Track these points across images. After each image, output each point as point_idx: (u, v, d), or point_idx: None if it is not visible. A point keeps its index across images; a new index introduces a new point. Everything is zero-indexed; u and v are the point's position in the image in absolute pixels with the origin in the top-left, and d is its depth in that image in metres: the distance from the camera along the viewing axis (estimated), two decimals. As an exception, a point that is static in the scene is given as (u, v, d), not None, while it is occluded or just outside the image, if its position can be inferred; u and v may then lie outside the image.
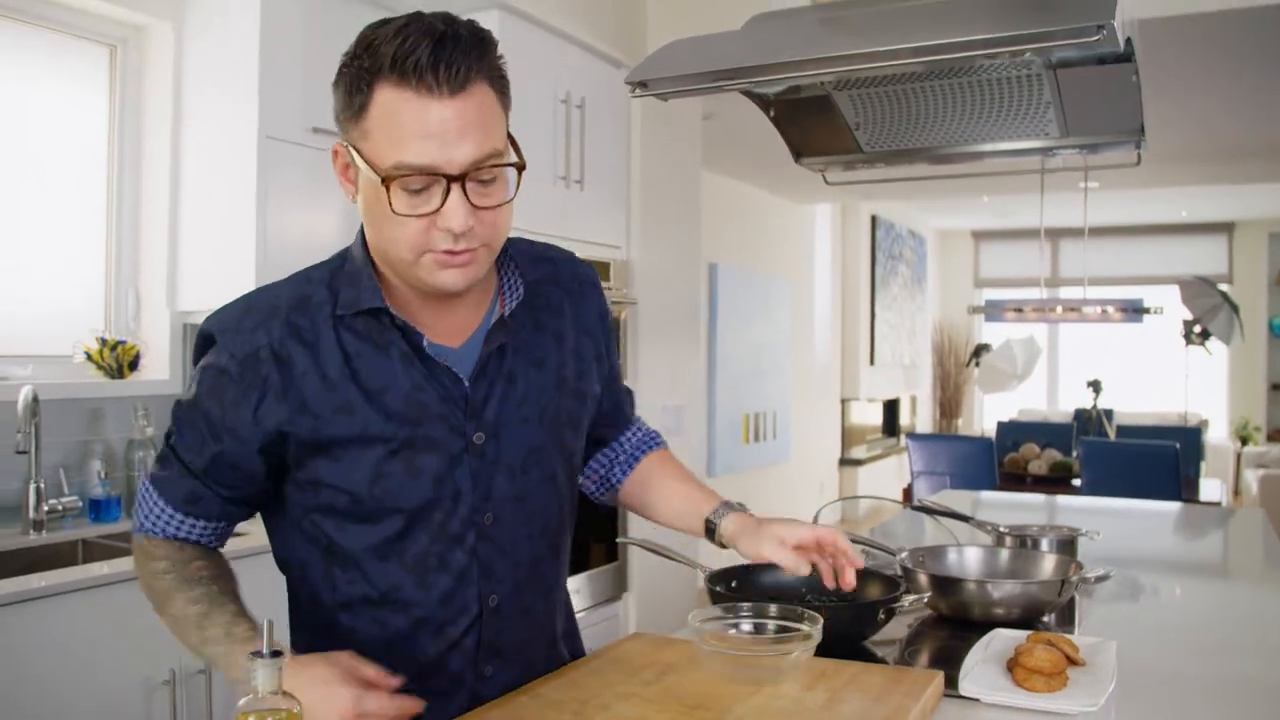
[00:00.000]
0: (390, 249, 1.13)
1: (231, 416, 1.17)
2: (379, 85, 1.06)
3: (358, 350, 1.18)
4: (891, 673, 1.40)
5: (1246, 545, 2.88)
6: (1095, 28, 1.31)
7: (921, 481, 5.87)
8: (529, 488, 1.27)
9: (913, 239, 10.49)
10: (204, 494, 1.23)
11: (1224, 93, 4.83)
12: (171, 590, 1.21)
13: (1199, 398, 10.00)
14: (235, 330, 1.18)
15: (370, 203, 1.12)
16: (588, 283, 1.39)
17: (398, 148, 1.06)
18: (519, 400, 1.25)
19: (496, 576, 1.26)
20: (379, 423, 1.17)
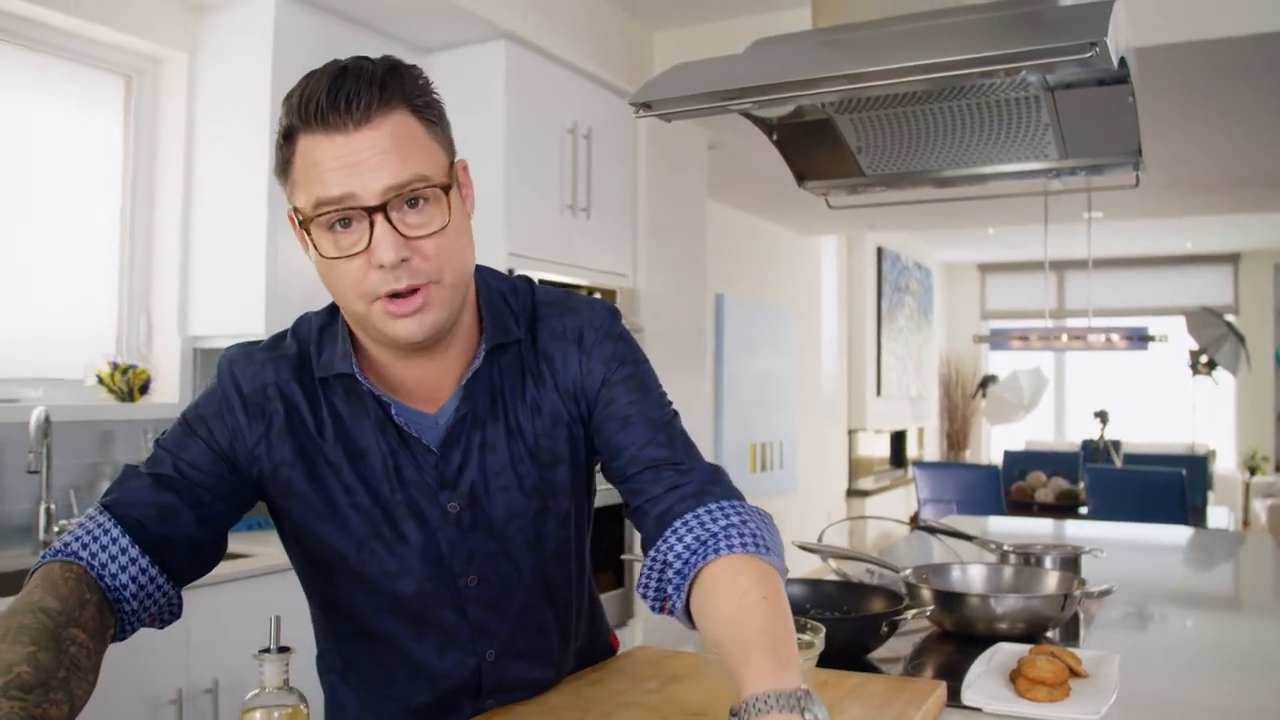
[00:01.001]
0: (344, 303, 1.10)
1: (229, 441, 1.15)
2: (296, 138, 1.05)
3: (342, 412, 1.18)
4: (894, 682, 1.41)
5: (1255, 570, 2.87)
6: (1088, 45, 1.33)
7: (928, 509, 5.86)
8: (515, 549, 1.24)
9: (919, 271, 10.53)
10: (146, 513, 1.13)
11: (1226, 121, 4.87)
12: (28, 595, 1.02)
13: (1206, 428, 9.98)
14: (246, 362, 1.19)
15: (316, 261, 1.09)
16: (563, 338, 1.23)
17: (315, 188, 1.03)
18: (497, 469, 1.20)
19: (490, 634, 1.25)
20: (360, 487, 1.17)
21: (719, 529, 1.11)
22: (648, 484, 1.17)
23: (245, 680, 2.40)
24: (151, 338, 3.02)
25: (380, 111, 1.03)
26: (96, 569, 1.06)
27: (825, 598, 1.80)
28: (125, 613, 1.08)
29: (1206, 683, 1.61)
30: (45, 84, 2.84)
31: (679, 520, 1.13)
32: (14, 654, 0.87)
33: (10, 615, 0.93)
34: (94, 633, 0.98)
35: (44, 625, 0.92)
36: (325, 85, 1.02)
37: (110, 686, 2.11)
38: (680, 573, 1.10)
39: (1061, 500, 5.87)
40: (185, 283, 2.99)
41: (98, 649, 0.98)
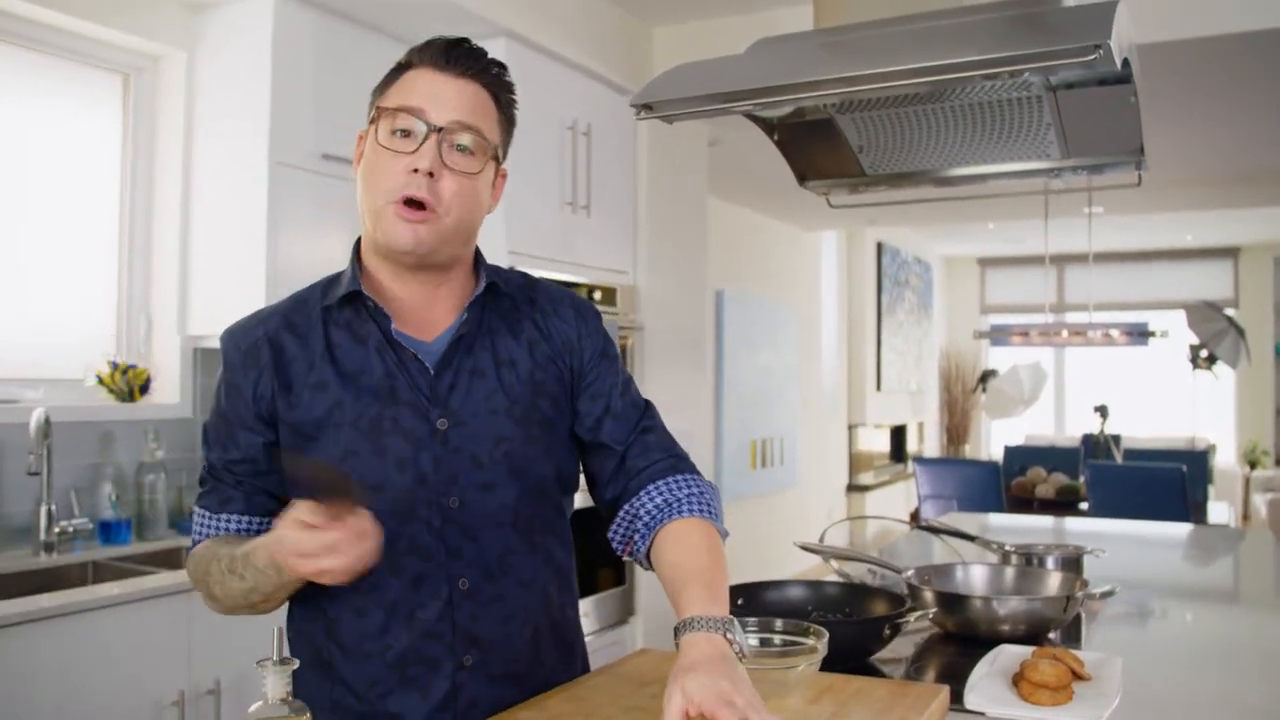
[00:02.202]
0: (369, 197, 1.28)
1: (241, 403, 1.30)
2: (405, 71, 1.30)
3: (339, 340, 1.31)
4: (897, 686, 1.41)
5: (1255, 566, 2.87)
6: (1092, 47, 1.33)
7: (929, 505, 5.86)
8: (497, 478, 1.31)
9: (919, 266, 10.52)
10: (232, 493, 1.33)
11: (1227, 117, 4.86)
12: (208, 566, 1.29)
13: (1206, 422, 9.98)
14: (242, 331, 1.34)
15: (367, 154, 1.29)
16: (564, 303, 1.42)
17: (403, 96, 1.27)
18: (487, 392, 1.32)
19: (465, 559, 1.29)
20: (350, 401, 1.28)
21: (683, 496, 1.35)
22: (634, 451, 1.38)
23: (247, 681, 2.40)
24: (151, 337, 3.02)
25: (476, 78, 1.30)
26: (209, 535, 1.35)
27: (828, 600, 1.80)
28: None
29: (1208, 683, 1.61)
30: (43, 83, 2.83)
31: (652, 485, 1.36)
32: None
33: (216, 551, 1.28)
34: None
35: (223, 545, 1.28)
36: (449, 40, 1.30)
37: (113, 688, 2.12)
38: (648, 525, 1.34)
39: (1062, 496, 5.87)
40: (185, 282, 2.98)
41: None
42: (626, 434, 1.39)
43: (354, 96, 3.09)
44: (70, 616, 2.08)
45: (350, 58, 3.08)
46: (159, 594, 2.25)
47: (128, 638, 2.18)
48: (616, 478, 1.38)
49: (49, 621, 2.04)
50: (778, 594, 1.82)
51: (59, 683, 2.05)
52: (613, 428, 1.39)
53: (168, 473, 2.86)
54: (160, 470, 2.82)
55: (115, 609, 2.16)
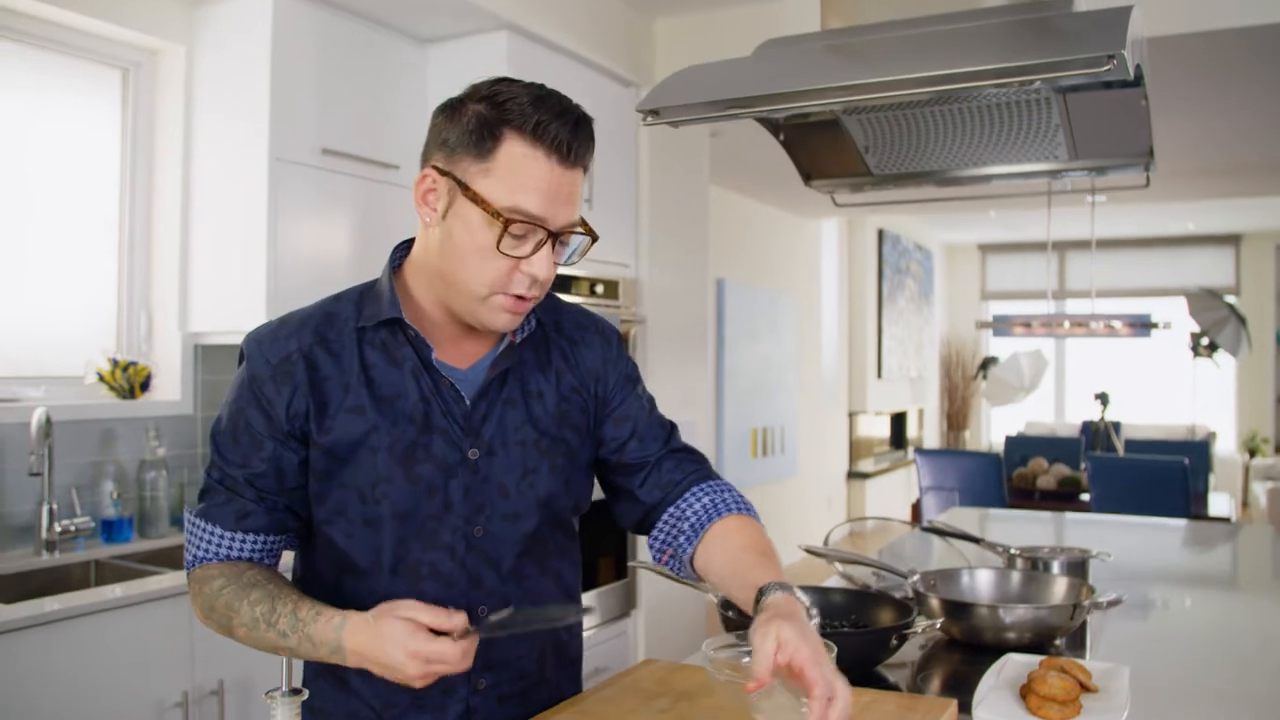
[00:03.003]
0: (466, 279, 1.22)
1: (271, 416, 1.26)
2: (510, 137, 1.18)
3: (374, 361, 1.28)
4: (905, 701, 1.40)
5: (1255, 563, 2.87)
6: (1106, 58, 1.31)
7: (930, 497, 5.85)
8: (522, 508, 1.32)
9: (919, 253, 10.50)
10: (253, 508, 1.28)
11: (1229, 109, 4.84)
12: (233, 601, 1.23)
13: (1206, 409, 9.98)
14: (271, 340, 1.28)
15: (460, 232, 1.21)
16: (588, 329, 1.44)
17: (517, 194, 1.18)
18: (517, 423, 1.32)
19: (485, 587, 1.30)
20: (385, 426, 1.26)
21: (727, 498, 1.40)
22: (668, 464, 1.42)
23: (251, 682, 2.40)
24: (152, 334, 3.00)
25: (583, 163, 1.24)
26: (223, 557, 1.30)
27: (834, 607, 1.79)
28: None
29: (1218, 691, 1.61)
30: (42, 79, 2.81)
31: (692, 490, 1.40)
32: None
33: (246, 593, 1.23)
34: (260, 567, 1.30)
35: (257, 581, 1.25)
36: (567, 124, 1.19)
37: (117, 690, 2.12)
38: (694, 526, 1.37)
39: (1064, 487, 5.86)
40: (185, 278, 2.97)
41: (272, 570, 1.32)
42: (657, 451, 1.42)
43: (355, 90, 3.08)
44: (74, 620, 2.07)
45: (351, 51, 3.06)
46: (163, 596, 2.24)
47: (131, 639, 2.17)
48: (650, 491, 1.41)
49: (53, 625, 2.04)
50: (783, 600, 1.81)
51: (63, 685, 2.04)
52: (639, 448, 1.42)
53: (169, 470, 2.85)
54: (162, 468, 2.81)
55: (119, 611, 2.16)
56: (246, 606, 1.21)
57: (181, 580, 2.31)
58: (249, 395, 1.26)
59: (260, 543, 1.29)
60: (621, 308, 3.82)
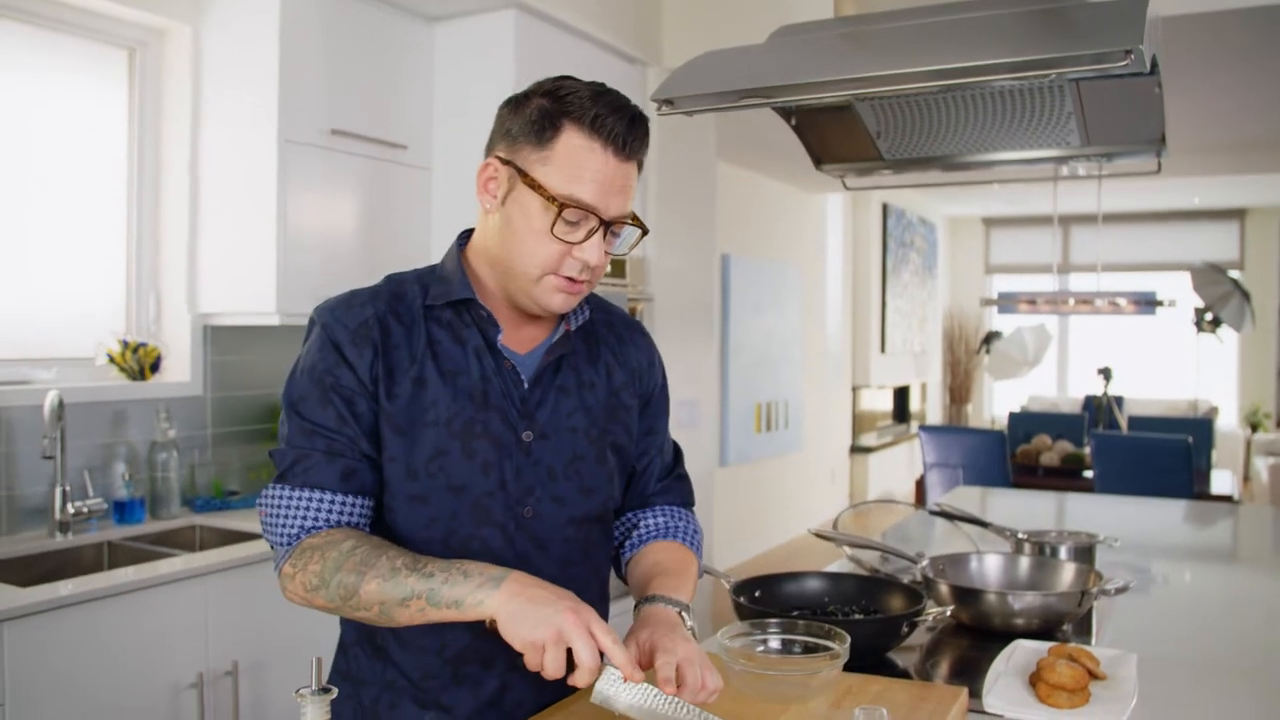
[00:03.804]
0: (520, 262, 1.28)
1: (354, 376, 1.28)
2: (569, 128, 1.24)
3: (440, 338, 1.32)
4: (917, 689, 1.42)
5: (1259, 541, 2.89)
6: (1123, 52, 1.31)
7: (934, 474, 5.87)
8: (568, 493, 1.37)
9: (923, 226, 10.47)
10: (357, 466, 1.28)
11: (1238, 87, 4.81)
12: (369, 557, 1.20)
13: (1209, 384, 9.99)
14: (345, 307, 1.32)
15: (518, 218, 1.27)
16: (637, 330, 1.51)
17: (573, 183, 1.23)
18: (569, 410, 1.37)
19: (533, 567, 1.33)
20: (447, 401, 1.29)
21: (683, 527, 1.51)
22: (653, 475, 1.51)
23: (264, 662, 2.42)
24: (161, 315, 3.01)
25: (636, 157, 1.29)
26: (336, 522, 1.28)
27: (845, 594, 1.81)
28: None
29: (1222, 674, 1.63)
30: (47, 59, 2.80)
31: (663, 508, 1.52)
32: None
33: (383, 550, 1.21)
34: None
35: (387, 543, 1.24)
36: (625, 117, 1.25)
37: (132, 672, 2.14)
38: (643, 537, 1.48)
39: (1067, 464, 5.88)
40: (194, 259, 2.97)
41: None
42: (665, 473, 1.53)
43: (363, 70, 3.07)
44: (90, 603, 2.09)
45: (359, 30, 3.04)
46: (177, 579, 2.26)
47: (146, 621, 2.20)
48: (633, 496, 1.51)
49: (69, 609, 2.06)
50: (795, 586, 1.83)
51: (80, 667, 2.07)
52: (659, 466, 1.51)
53: (180, 451, 2.86)
54: (173, 448, 2.82)
55: (134, 594, 2.18)
56: (386, 560, 1.19)
57: (196, 562, 2.33)
58: (335, 357, 1.28)
59: (364, 508, 1.29)
60: (629, 286, 3.82)
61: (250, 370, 3.15)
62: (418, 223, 3.27)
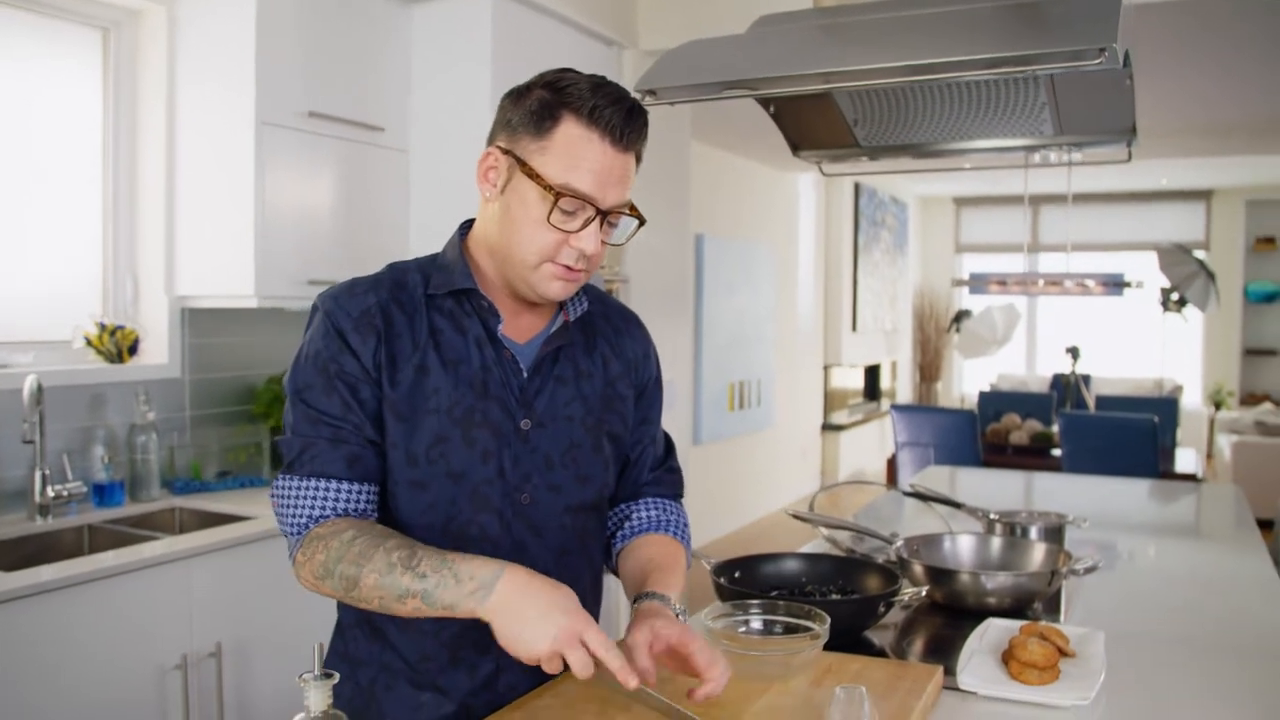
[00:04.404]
0: (518, 250, 1.30)
1: (358, 363, 1.30)
2: (567, 118, 1.26)
3: (441, 327, 1.35)
4: (894, 668, 1.47)
5: (1221, 518, 2.97)
6: (1098, 50, 1.35)
7: (905, 453, 5.95)
8: (564, 481, 1.40)
9: (895, 205, 10.54)
10: (361, 452, 1.30)
11: (1205, 73, 4.88)
12: (368, 549, 1.22)
13: (1175, 363, 10.15)
14: (348, 295, 1.34)
15: (516, 206, 1.29)
16: (633, 321, 1.54)
17: (570, 172, 1.26)
18: (567, 400, 1.40)
19: (529, 554, 1.37)
20: (449, 388, 1.32)
21: (674, 520, 1.54)
22: (645, 465, 1.54)
23: (247, 643, 2.44)
24: (138, 298, 3.00)
25: (634, 149, 1.31)
26: (342, 511, 1.31)
27: (822, 574, 1.85)
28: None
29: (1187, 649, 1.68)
30: (19, 40, 2.77)
31: (654, 500, 1.54)
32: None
33: (383, 541, 1.23)
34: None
35: (389, 533, 1.26)
36: (623, 108, 1.27)
37: (117, 654, 2.16)
38: (634, 529, 1.51)
39: (1036, 443, 5.98)
40: (171, 242, 2.96)
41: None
42: (657, 464, 1.56)
43: (340, 52, 3.06)
44: (74, 587, 2.10)
45: (336, 12, 3.03)
46: (159, 562, 2.27)
47: (129, 604, 2.21)
48: (625, 486, 1.53)
49: (52, 593, 2.06)
50: (773, 567, 1.87)
51: (64, 651, 2.08)
52: (652, 456, 1.55)
53: (159, 433, 2.86)
54: (151, 431, 2.83)
55: (117, 578, 2.19)
56: (382, 553, 1.21)
57: (178, 546, 2.34)
58: (338, 345, 1.30)
59: (369, 494, 1.31)
60: (605, 268, 3.85)
61: (228, 353, 3.15)
62: (395, 205, 3.28)
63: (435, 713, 1.36)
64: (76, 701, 2.10)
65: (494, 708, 1.35)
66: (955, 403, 11.49)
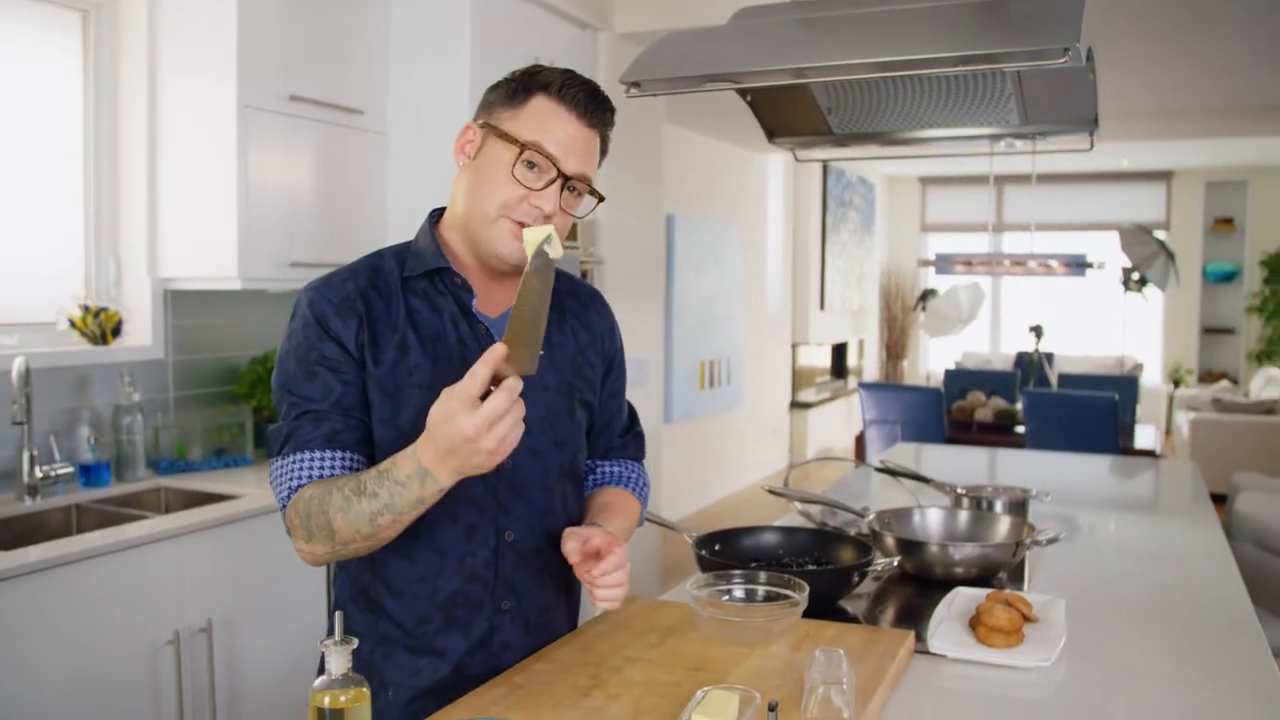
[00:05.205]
0: (483, 202, 1.39)
1: (344, 346, 1.38)
2: (539, 95, 1.39)
3: (418, 308, 1.43)
4: (868, 633, 1.56)
5: (1177, 493, 3.09)
6: (1061, 50, 1.43)
7: (873, 430, 6.07)
8: (543, 446, 1.48)
9: (862, 185, 10.64)
10: (340, 426, 1.37)
11: (1166, 58, 5.00)
12: (324, 496, 1.30)
13: (1135, 342, 10.35)
14: (328, 285, 1.42)
15: (485, 166, 1.40)
16: (598, 298, 1.64)
17: (539, 134, 1.37)
18: (541, 370, 1.43)
19: (513, 515, 1.45)
20: (428, 365, 1.40)
21: (636, 479, 1.69)
22: (615, 432, 1.67)
23: (237, 619, 2.50)
24: (121, 280, 3.03)
25: (600, 130, 1.44)
26: (315, 478, 1.36)
27: (798, 546, 1.93)
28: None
29: (1142, 615, 1.79)
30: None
31: (618, 460, 1.68)
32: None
33: (337, 484, 1.30)
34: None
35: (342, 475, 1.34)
36: (589, 89, 1.41)
37: (110, 630, 2.21)
38: (597, 481, 1.66)
39: (1000, 420, 6.11)
40: (154, 224, 2.98)
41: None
42: (624, 430, 1.69)
43: (320, 35, 3.09)
44: (66, 566, 2.14)
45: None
46: (151, 540, 2.32)
47: (121, 582, 2.25)
48: (594, 448, 1.65)
49: (45, 572, 2.10)
50: (752, 540, 1.95)
51: (57, 629, 2.12)
52: (619, 424, 1.67)
53: (144, 414, 2.90)
54: (137, 412, 2.86)
55: (109, 556, 2.23)
56: (336, 493, 1.29)
57: (166, 525, 2.39)
58: (318, 332, 1.38)
59: (348, 461, 1.37)
60: (580, 249, 3.90)
61: (211, 334, 3.19)
62: (374, 187, 3.31)
63: (433, 676, 1.43)
64: (70, 678, 2.15)
65: (489, 668, 1.43)
66: (921, 381, 11.66)
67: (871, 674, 1.39)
